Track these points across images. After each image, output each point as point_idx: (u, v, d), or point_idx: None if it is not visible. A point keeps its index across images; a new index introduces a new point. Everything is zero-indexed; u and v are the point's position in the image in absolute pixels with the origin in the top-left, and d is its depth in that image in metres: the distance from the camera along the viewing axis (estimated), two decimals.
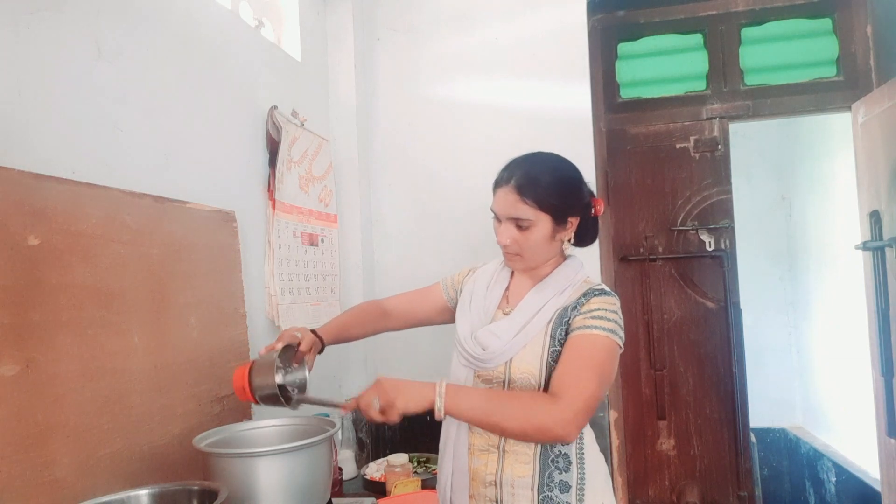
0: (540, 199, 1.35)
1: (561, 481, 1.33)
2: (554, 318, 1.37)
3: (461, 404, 1.25)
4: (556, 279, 1.41)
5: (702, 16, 2.71)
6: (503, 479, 1.36)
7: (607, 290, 1.39)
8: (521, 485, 1.34)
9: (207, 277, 1.58)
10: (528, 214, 1.35)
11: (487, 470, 1.38)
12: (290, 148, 2.04)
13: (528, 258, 1.41)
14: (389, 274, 2.60)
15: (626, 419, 2.70)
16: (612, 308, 1.34)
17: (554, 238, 1.40)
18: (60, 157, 1.23)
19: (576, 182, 1.43)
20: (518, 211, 1.36)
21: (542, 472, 1.34)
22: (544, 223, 1.36)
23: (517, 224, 1.37)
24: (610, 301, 1.36)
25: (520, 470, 1.35)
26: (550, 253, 1.43)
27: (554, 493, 1.33)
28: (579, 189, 1.43)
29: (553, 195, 1.36)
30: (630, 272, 2.72)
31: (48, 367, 1.11)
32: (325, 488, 1.31)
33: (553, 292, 1.39)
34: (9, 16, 1.14)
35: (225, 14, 1.82)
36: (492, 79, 2.53)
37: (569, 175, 1.43)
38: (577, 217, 1.42)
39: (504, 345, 1.36)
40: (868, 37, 2.58)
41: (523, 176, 1.37)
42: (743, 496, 2.59)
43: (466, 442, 1.41)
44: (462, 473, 1.40)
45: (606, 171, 2.73)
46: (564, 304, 1.37)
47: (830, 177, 3.47)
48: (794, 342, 4.11)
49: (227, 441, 1.36)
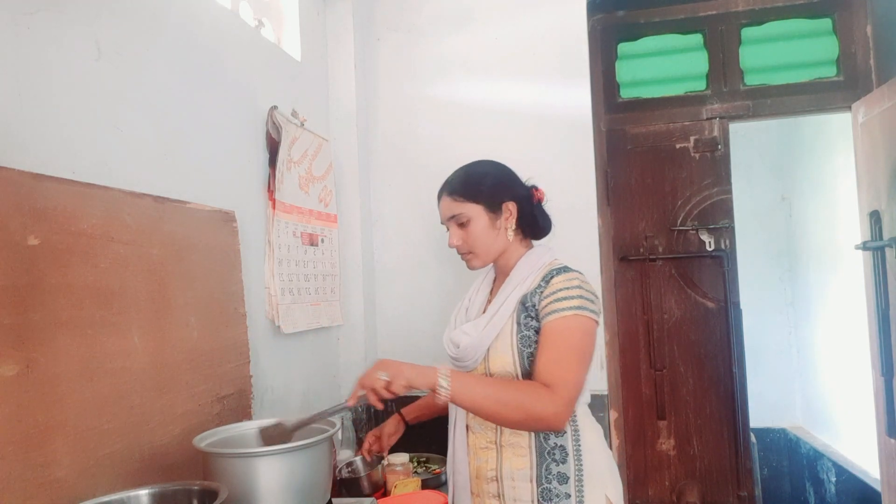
0: (467, 192, 1.48)
1: (559, 473, 1.37)
2: (517, 305, 1.42)
3: (464, 389, 1.29)
4: (519, 269, 1.48)
5: (702, 16, 2.71)
6: (503, 473, 1.40)
7: (568, 267, 1.44)
8: (521, 477, 1.38)
9: (207, 277, 1.58)
10: (461, 209, 1.48)
11: (489, 466, 1.43)
12: (290, 148, 2.04)
13: (480, 253, 1.50)
14: (389, 274, 2.60)
15: (626, 419, 2.70)
16: (575, 284, 1.38)
17: (495, 226, 1.49)
18: (60, 157, 1.23)
19: (500, 172, 1.54)
20: (453, 209, 1.49)
21: (540, 465, 1.38)
22: (479, 214, 1.47)
23: (458, 223, 1.49)
24: (570, 277, 1.39)
25: (517, 462, 1.39)
26: (499, 243, 1.50)
27: (553, 484, 1.36)
28: (506, 177, 1.54)
29: (477, 185, 1.49)
30: (630, 272, 2.72)
31: (48, 367, 1.11)
32: (326, 489, 1.31)
33: (517, 282, 1.45)
34: (9, 16, 1.14)
35: (225, 14, 1.82)
36: (492, 78, 2.52)
37: (491, 168, 1.55)
38: (513, 202, 1.50)
39: (474, 340, 1.43)
40: (868, 37, 2.58)
41: (451, 181, 1.54)
42: (743, 496, 2.59)
43: (465, 444, 1.47)
44: (462, 475, 1.46)
45: (606, 171, 2.73)
46: (525, 291, 1.42)
47: (830, 177, 3.47)
48: (794, 342, 4.11)
49: (227, 441, 1.37)
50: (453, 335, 1.50)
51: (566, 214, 2.40)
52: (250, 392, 1.72)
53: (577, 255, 2.47)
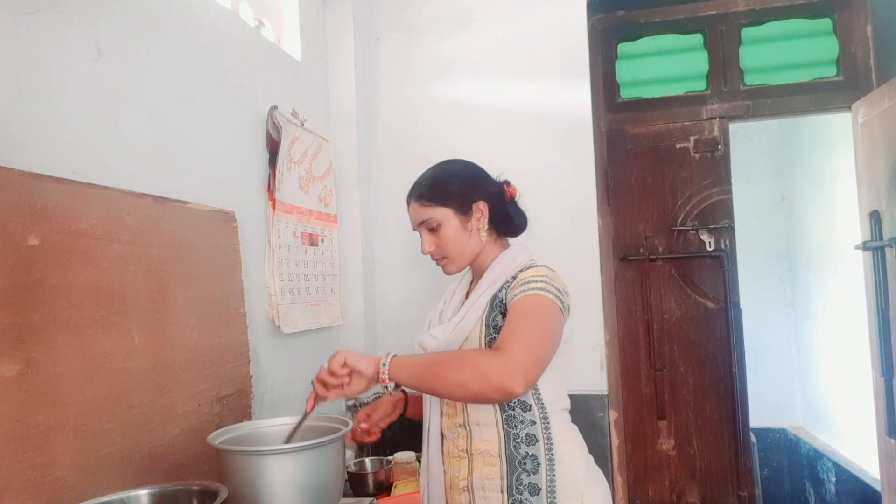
0: (434, 196, 1.43)
1: (530, 483, 1.31)
2: (486, 307, 1.37)
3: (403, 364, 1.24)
4: (492, 271, 1.43)
5: (702, 16, 2.71)
6: (474, 483, 1.35)
7: (538, 263, 1.39)
8: (491, 487, 1.33)
9: (207, 277, 1.58)
10: (431, 214, 1.43)
11: (460, 476, 1.37)
12: (290, 148, 2.04)
13: (454, 257, 1.44)
14: (389, 274, 2.60)
15: (626, 419, 2.70)
16: (541, 275, 1.33)
17: (467, 228, 1.43)
18: (60, 157, 1.23)
19: (467, 171, 1.49)
20: (422, 214, 1.44)
21: (510, 474, 1.32)
22: (449, 217, 1.42)
23: (428, 228, 1.44)
24: (538, 270, 1.34)
25: (487, 472, 1.34)
26: (472, 245, 1.45)
27: (524, 495, 1.30)
28: (475, 176, 1.48)
29: (445, 186, 1.43)
30: (630, 272, 2.72)
31: (48, 367, 1.11)
32: (338, 488, 1.30)
33: (488, 283, 1.40)
34: (9, 16, 1.14)
35: (225, 14, 1.82)
36: (492, 78, 2.53)
37: (458, 168, 1.49)
38: (484, 201, 1.45)
39: (441, 345, 1.38)
40: (868, 37, 2.58)
41: (417, 185, 1.48)
42: (743, 496, 2.59)
43: (439, 451, 1.41)
44: (437, 483, 1.40)
45: (606, 171, 2.73)
46: (494, 292, 1.38)
47: (830, 177, 3.47)
48: (794, 342, 4.11)
49: (239, 439, 1.36)
50: (422, 339, 1.45)
51: (566, 214, 2.42)
52: (250, 392, 1.72)
53: (577, 254, 2.48)
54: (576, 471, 1.35)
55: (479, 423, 1.36)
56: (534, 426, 1.33)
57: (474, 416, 1.36)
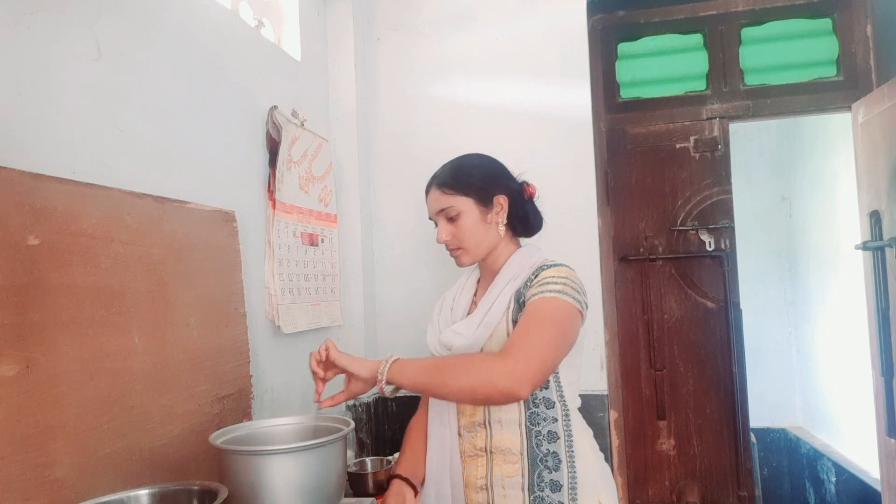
0: (457, 185, 1.43)
1: (552, 481, 1.31)
2: (511, 303, 1.37)
3: (406, 368, 1.24)
4: (510, 267, 1.43)
5: (702, 16, 2.71)
6: (493, 482, 1.34)
7: (558, 262, 1.39)
8: (511, 485, 1.33)
9: (207, 277, 1.58)
10: (451, 202, 1.42)
11: (478, 475, 1.37)
12: (290, 148, 2.04)
13: (469, 248, 1.44)
14: (389, 274, 2.60)
15: (626, 419, 2.70)
16: (563, 276, 1.33)
17: (486, 221, 1.43)
18: (60, 157, 1.23)
19: (490, 164, 1.50)
20: (442, 202, 1.44)
21: (532, 472, 1.32)
22: (470, 207, 1.42)
23: (447, 217, 1.43)
24: (559, 270, 1.35)
25: (508, 470, 1.33)
26: (490, 238, 1.44)
27: (545, 492, 1.31)
28: (497, 171, 1.49)
29: (468, 177, 1.44)
30: (630, 272, 2.72)
31: (48, 367, 1.11)
32: (339, 488, 1.30)
33: (509, 278, 1.40)
34: (9, 16, 1.14)
35: (225, 14, 1.82)
36: (492, 78, 2.53)
37: (481, 161, 1.51)
38: (504, 196, 1.45)
39: (467, 341, 1.37)
40: (868, 37, 2.58)
41: (440, 174, 1.48)
42: (743, 496, 2.59)
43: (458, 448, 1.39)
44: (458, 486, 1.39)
45: (606, 171, 2.73)
46: (518, 287, 1.38)
47: (830, 177, 3.47)
48: (794, 342, 4.11)
49: (240, 439, 1.36)
50: (443, 337, 1.43)
51: (566, 214, 2.42)
52: (250, 392, 1.72)
53: (577, 254, 2.47)
54: (592, 468, 1.36)
55: (501, 422, 1.35)
56: (555, 423, 1.34)
57: (496, 414, 1.36)
